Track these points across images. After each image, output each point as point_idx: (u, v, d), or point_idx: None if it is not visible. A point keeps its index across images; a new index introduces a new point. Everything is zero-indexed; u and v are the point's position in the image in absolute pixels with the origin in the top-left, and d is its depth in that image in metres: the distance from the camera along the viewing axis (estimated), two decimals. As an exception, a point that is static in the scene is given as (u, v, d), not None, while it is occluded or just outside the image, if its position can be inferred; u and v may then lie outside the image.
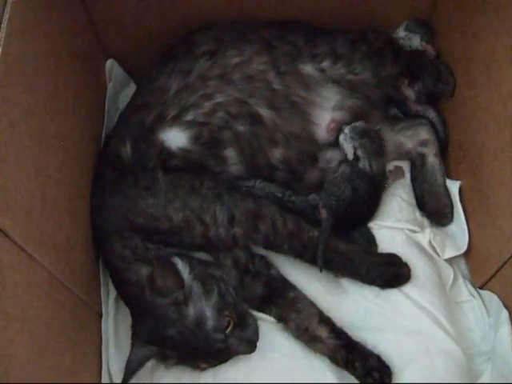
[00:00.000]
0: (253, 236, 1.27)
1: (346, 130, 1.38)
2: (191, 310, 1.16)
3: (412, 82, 1.51)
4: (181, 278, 1.17)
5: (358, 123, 1.39)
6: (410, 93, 1.52)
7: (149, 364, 1.22)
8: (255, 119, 1.34)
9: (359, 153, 1.36)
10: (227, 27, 1.45)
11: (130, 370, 1.18)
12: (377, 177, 1.37)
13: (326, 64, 1.41)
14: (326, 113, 1.40)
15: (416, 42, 1.54)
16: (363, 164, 1.36)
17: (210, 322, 1.15)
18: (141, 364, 1.19)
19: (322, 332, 1.26)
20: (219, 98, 1.34)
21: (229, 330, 1.16)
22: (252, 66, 1.37)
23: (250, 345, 1.19)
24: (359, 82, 1.43)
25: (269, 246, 1.31)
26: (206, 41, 1.41)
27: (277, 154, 1.36)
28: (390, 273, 1.31)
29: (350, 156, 1.37)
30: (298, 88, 1.38)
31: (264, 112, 1.35)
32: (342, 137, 1.38)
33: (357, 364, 1.23)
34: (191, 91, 1.34)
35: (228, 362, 1.22)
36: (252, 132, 1.34)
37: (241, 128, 1.33)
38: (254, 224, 1.27)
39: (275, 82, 1.37)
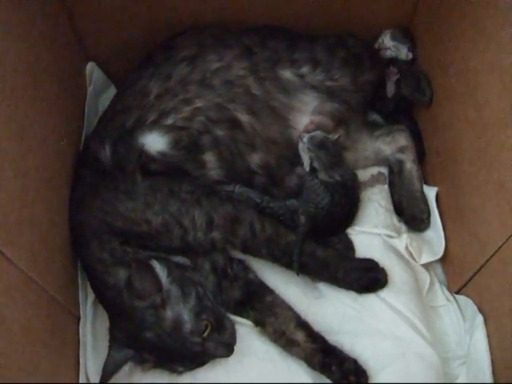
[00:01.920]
0: (231, 240, 1.28)
1: (305, 138, 1.37)
2: (169, 314, 1.16)
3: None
4: (159, 281, 1.17)
5: (316, 133, 1.38)
6: (390, 88, 1.55)
7: (126, 367, 1.22)
8: (234, 124, 1.34)
9: (315, 165, 1.37)
10: (207, 32, 1.45)
11: (107, 372, 1.18)
12: (347, 184, 1.38)
13: (305, 70, 1.41)
14: (304, 117, 1.41)
15: (403, 52, 1.56)
16: (321, 175, 1.37)
17: (188, 326, 1.16)
18: (118, 367, 1.19)
19: (299, 336, 1.27)
20: (199, 103, 1.34)
21: (206, 333, 1.16)
22: (232, 72, 1.37)
23: (227, 348, 1.19)
24: (338, 88, 1.44)
25: (247, 251, 1.31)
26: (186, 46, 1.41)
27: (256, 158, 1.36)
28: (367, 278, 1.32)
29: (307, 167, 1.38)
30: (278, 93, 1.39)
31: (243, 117, 1.35)
32: (300, 146, 1.38)
33: (333, 368, 1.24)
34: (171, 96, 1.34)
35: (206, 366, 1.22)
36: (231, 137, 1.34)
37: (220, 133, 1.33)
38: (232, 228, 1.27)
39: (254, 88, 1.37)
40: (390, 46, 1.55)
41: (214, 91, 1.35)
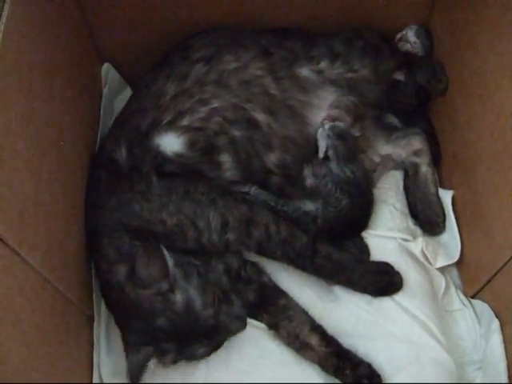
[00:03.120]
0: (246, 242, 1.27)
1: (327, 125, 1.37)
2: (178, 296, 1.15)
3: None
4: (166, 264, 1.15)
5: (339, 123, 1.38)
6: (399, 76, 1.53)
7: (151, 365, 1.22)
8: (251, 124, 1.34)
9: (330, 154, 1.35)
10: (223, 33, 1.45)
11: (134, 377, 1.16)
12: (360, 183, 1.37)
13: (323, 65, 1.41)
14: (322, 112, 1.40)
15: (421, 51, 1.55)
16: (333, 167, 1.36)
17: (198, 302, 1.14)
18: (142, 369, 1.16)
19: (313, 340, 1.27)
20: (215, 103, 1.33)
21: (216, 304, 1.15)
22: (248, 72, 1.37)
23: (240, 321, 1.18)
24: (358, 79, 1.44)
25: (262, 252, 1.30)
26: (202, 46, 1.41)
27: (273, 158, 1.36)
28: (383, 281, 1.32)
29: (321, 154, 1.37)
30: (295, 92, 1.38)
31: (260, 117, 1.35)
32: (320, 131, 1.37)
33: (347, 372, 1.24)
34: (187, 96, 1.34)
35: (219, 367, 1.24)
36: (248, 137, 1.34)
37: (237, 133, 1.33)
38: (247, 230, 1.27)
39: (272, 87, 1.37)
40: (412, 41, 1.54)
41: (231, 91, 1.34)
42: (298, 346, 1.28)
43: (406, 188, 1.51)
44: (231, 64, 1.38)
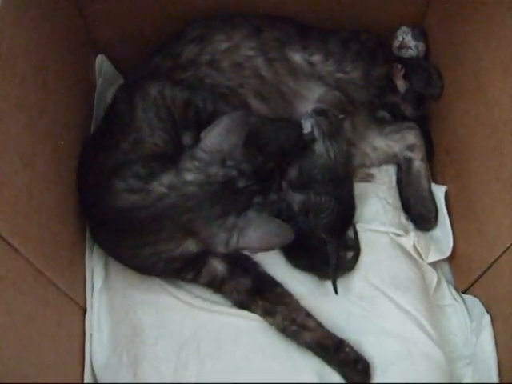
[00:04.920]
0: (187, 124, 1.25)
1: (310, 110, 1.37)
2: None
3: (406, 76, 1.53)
4: None
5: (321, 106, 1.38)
6: (400, 83, 1.53)
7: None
8: (244, 108, 1.33)
9: (315, 132, 1.34)
10: (217, 16, 1.44)
11: None
12: (337, 165, 1.35)
13: (316, 58, 1.40)
14: (309, 105, 1.40)
15: (422, 51, 1.55)
16: (318, 148, 1.34)
17: None
18: None
19: (311, 322, 1.26)
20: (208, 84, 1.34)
21: None
22: (240, 52, 1.37)
23: None
24: (347, 81, 1.43)
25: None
26: (194, 28, 1.41)
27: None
28: None
29: (306, 135, 1.36)
30: (287, 76, 1.38)
31: (252, 102, 1.35)
32: (303, 117, 1.37)
33: (347, 350, 1.24)
34: (181, 70, 1.34)
35: (211, 362, 1.24)
36: None
37: None
38: (184, 112, 1.26)
39: (264, 69, 1.37)
40: (412, 45, 1.54)
41: (224, 74, 1.34)
42: (296, 328, 1.26)
43: (399, 183, 1.51)
44: (223, 44, 1.37)
